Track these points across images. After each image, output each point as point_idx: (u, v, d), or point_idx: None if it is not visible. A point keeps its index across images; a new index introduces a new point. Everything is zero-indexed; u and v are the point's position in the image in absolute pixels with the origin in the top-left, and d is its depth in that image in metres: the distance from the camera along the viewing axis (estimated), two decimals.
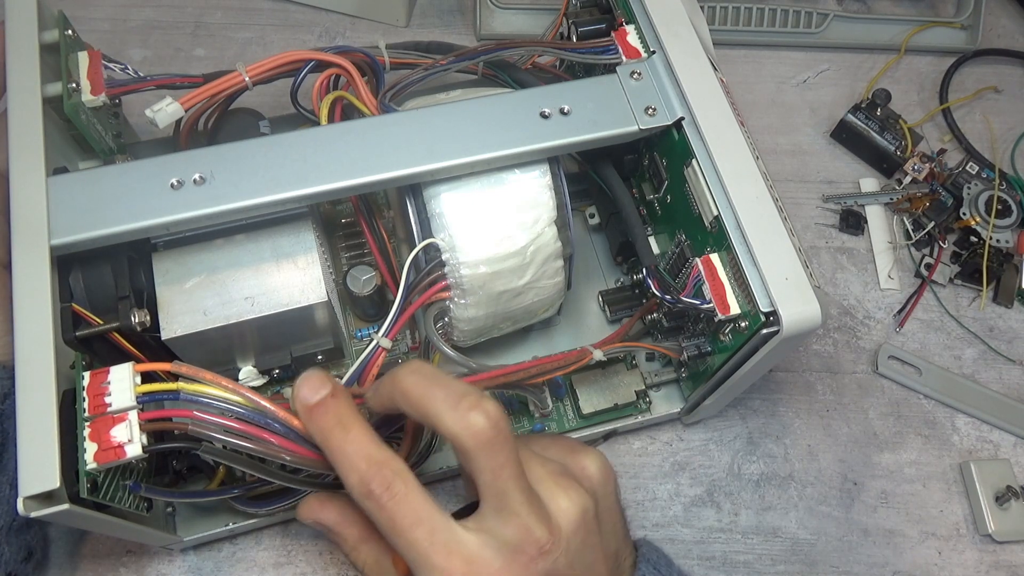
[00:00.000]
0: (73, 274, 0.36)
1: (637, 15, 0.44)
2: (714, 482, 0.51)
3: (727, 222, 0.38)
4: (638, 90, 0.41)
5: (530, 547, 0.30)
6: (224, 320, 0.38)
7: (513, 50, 0.45)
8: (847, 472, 0.52)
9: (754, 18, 0.66)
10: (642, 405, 0.50)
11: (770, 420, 0.53)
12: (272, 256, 0.39)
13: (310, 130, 0.39)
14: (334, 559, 0.47)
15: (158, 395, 0.33)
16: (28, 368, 0.32)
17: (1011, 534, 0.51)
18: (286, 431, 0.33)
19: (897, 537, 0.51)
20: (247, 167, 0.37)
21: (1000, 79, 0.68)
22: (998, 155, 0.64)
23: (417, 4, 0.66)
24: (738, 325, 0.38)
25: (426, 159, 0.38)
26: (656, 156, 0.45)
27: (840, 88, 0.66)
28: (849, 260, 0.60)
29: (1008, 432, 0.54)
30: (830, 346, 0.56)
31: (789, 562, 0.49)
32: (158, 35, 0.63)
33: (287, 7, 0.65)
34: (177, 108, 0.41)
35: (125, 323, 0.35)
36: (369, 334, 0.49)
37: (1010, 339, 0.58)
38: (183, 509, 0.45)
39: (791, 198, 0.61)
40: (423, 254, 0.40)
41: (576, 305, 0.53)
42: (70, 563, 0.46)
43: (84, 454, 0.31)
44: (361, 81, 0.42)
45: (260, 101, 0.47)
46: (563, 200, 0.42)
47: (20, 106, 0.37)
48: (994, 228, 0.59)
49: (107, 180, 0.36)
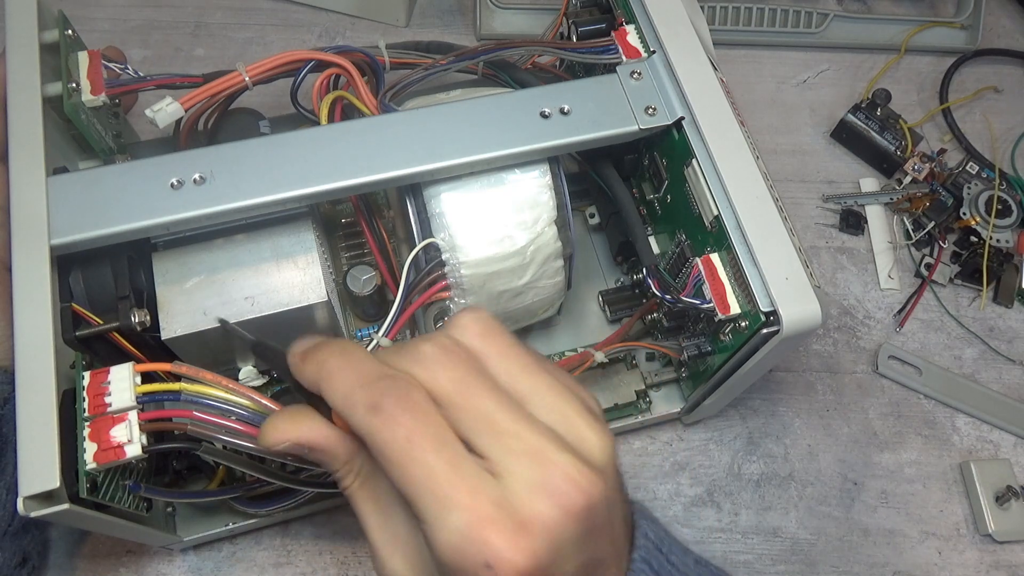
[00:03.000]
0: (73, 274, 0.36)
1: (637, 15, 0.44)
2: (714, 482, 0.51)
3: (727, 222, 0.38)
4: (638, 90, 0.41)
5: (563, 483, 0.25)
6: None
7: (513, 50, 0.45)
8: (847, 472, 0.52)
9: (754, 18, 0.66)
10: (642, 405, 0.50)
11: (770, 420, 0.53)
12: (272, 256, 0.39)
13: (310, 130, 0.39)
14: (334, 559, 0.47)
15: (158, 395, 0.33)
16: (28, 368, 0.32)
17: (1011, 534, 0.51)
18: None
19: (897, 537, 0.51)
20: (247, 167, 0.37)
21: (1000, 79, 0.68)
22: (998, 155, 0.64)
23: (417, 4, 0.66)
24: (738, 325, 0.38)
25: (426, 159, 0.38)
26: (656, 156, 0.45)
27: (840, 88, 0.66)
28: (849, 260, 0.60)
29: (1008, 432, 0.54)
30: (830, 346, 0.56)
31: (789, 562, 0.49)
32: (158, 35, 0.63)
33: (287, 7, 0.65)
34: (177, 108, 0.41)
35: (125, 323, 0.35)
36: (369, 334, 0.49)
37: (1010, 339, 0.58)
38: (183, 509, 0.45)
39: (791, 198, 0.61)
40: (423, 254, 0.40)
41: (576, 305, 0.53)
42: (69, 563, 0.46)
43: (84, 454, 0.31)
44: (361, 81, 0.42)
45: (260, 101, 0.47)
46: (563, 200, 0.42)
47: (20, 106, 0.37)
48: (994, 228, 0.59)
49: (107, 180, 0.36)
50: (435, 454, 0.25)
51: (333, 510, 0.47)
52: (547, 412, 0.27)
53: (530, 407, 0.27)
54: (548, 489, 0.25)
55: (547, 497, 0.25)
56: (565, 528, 0.25)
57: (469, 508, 0.24)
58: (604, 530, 0.27)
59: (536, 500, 0.25)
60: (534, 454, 0.25)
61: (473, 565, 0.24)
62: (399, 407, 0.25)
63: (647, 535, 0.29)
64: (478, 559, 0.24)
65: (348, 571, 0.47)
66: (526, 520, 0.24)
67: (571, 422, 0.27)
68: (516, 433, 0.26)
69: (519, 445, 0.25)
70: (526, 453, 0.25)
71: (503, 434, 0.26)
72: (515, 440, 0.25)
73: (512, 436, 0.25)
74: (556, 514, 0.25)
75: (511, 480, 0.25)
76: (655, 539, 0.29)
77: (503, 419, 0.26)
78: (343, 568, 0.47)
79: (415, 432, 0.25)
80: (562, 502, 0.25)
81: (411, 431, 0.25)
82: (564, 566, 0.25)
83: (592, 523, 0.26)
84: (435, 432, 0.25)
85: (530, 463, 0.25)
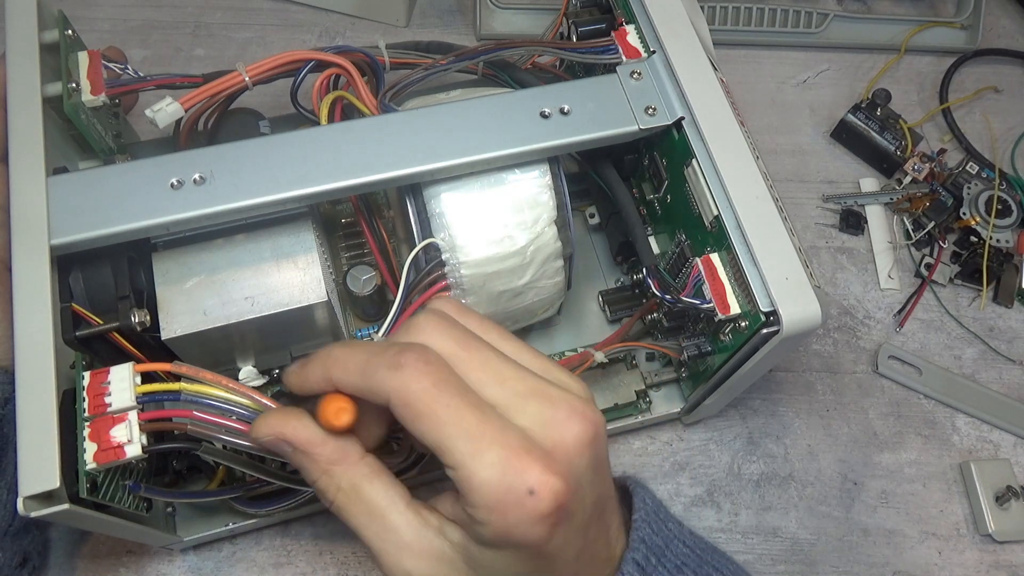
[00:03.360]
0: (73, 274, 0.36)
1: (637, 15, 0.44)
2: (714, 482, 0.51)
3: (727, 222, 0.38)
4: (638, 90, 0.41)
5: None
6: (224, 320, 0.38)
7: (513, 50, 0.45)
8: (847, 472, 0.52)
9: (754, 18, 0.66)
10: (642, 405, 0.50)
11: (770, 420, 0.53)
12: (272, 256, 0.39)
13: (310, 130, 0.39)
14: (334, 559, 0.47)
15: (158, 395, 0.33)
16: (28, 368, 0.32)
17: (1011, 534, 0.51)
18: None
19: (897, 537, 0.51)
20: (247, 167, 0.37)
21: (1000, 79, 0.68)
22: (998, 155, 0.64)
23: (417, 4, 0.66)
24: (738, 325, 0.38)
25: (426, 159, 0.38)
26: (656, 156, 0.45)
27: (840, 88, 0.66)
28: (849, 260, 0.60)
29: (1008, 432, 0.54)
30: (830, 346, 0.56)
31: (789, 562, 0.49)
32: (158, 35, 0.63)
33: (287, 7, 0.65)
34: (177, 108, 0.41)
35: (125, 323, 0.35)
36: (369, 334, 0.49)
37: (1010, 339, 0.58)
38: (183, 509, 0.45)
39: (791, 198, 0.61)
40: (423, 254, 0.40)
41: (576, 305, 0.53)
42: (69, 563, 0.46)
43: (84, 454, 0.31)
44: (361, 81, 0.42)
45: (260, 101, 0.47)
46: (563, 200, 0.42)
47: (20, 106, 0.37)
48: (994, 228, 0.59)
49: (107, 180, 0.36)
50: (461, 398, 0.27)
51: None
52: (531, 365, 0.30)
53: (519, 362, 0.29)
54: (559, 421, 0.27)
55: (561, 427, 0.27)
56: (582, 455, 0.27)
57: (503, 443, 0.26)
58: (606, 466, 0.29)
59: (552, 431, 0.27)
60: (538, 394, 0.28)
61: (517, 495, 0.26)
62: (420, 361, 0.27)
63: (645, 501, 0.31)
64: (521, 488, 0.26)
65: (348, 571, 0.47)
66: (550, 449, 0.27)
67: (552, 372, 0.30)
68: (519, 377, 0.28)
69: (523, 387, 0.28)
70: (532, 394, 0.28)
71: (508, 379, 0.28)
72: (519, 383, 0.28)
73: (516, 380, 0.28)
74: (572, 442, 0.27)
75: (525, 418, 0.27)
76: (652, 506, 0.32)
77: (504, 367, 0.28)
78: (343, 568, 0.47)
79: (440, 381, 0.27)
80: (575, 431, 0.27)
81: (436, 380, 0.27)
82: (584, 497, 0.28)
83: (598, 453, 0.28)
84: (457, 381, 0.27)
85: (538, 402, 0.28)
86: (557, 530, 0.27)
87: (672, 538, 0.31)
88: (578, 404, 0.28)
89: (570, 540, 0.27)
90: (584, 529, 0.28)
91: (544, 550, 0.27)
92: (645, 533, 0.30)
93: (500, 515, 0.26)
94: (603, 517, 0.30)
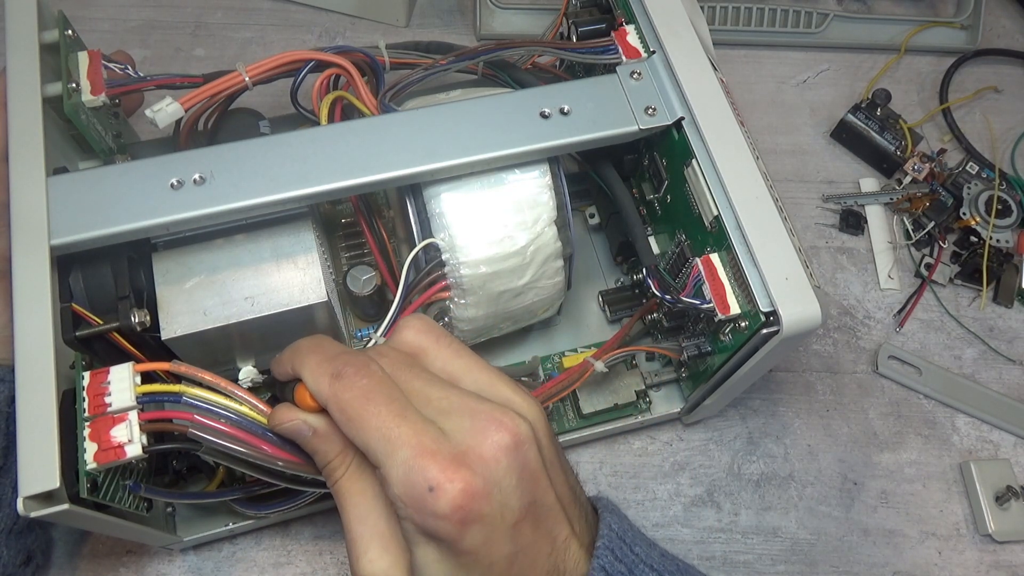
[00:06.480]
0: (73, 274, 0.36)
1: (637, 15, 0.44)
2: (714, 482, 0.51)
3: (727, 222, 0.38)
4: (638, 90, 0.41)
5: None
6: (224, 320, 0.38)
7: (513, 50, 0.45)
8: (847, 472, 0.52)
9: (754, 18, 0.66)
10: (642, 405, 0.50)
11: (770, 420, 0.53)
12: (272, 256, 0.39)
13: (310, 130, 0.39)
14: (334, 559, 0.47)
15: (158, 396, 0.33)
16: (28, 368, 0.32)
17: (1011, 534, 0.51)
18: (282, 441, 0.33)
19: (897, 537, 0.51)
20: (247, 167, 0.37)
21: (1000, 79, 0.68)
22: (998, 155, 0.64)
23: (417, 4, 0.66)
24: (738, 325, 0.38)
25: (426, 159, 0.38)
26: (656, 156, 0.45)
27: (840, 88, 0.66)
28: (849, 260, 0.60)
29: (1008, 432, 0.54)
30: (830, 346, 0.56)
31: (789, 562, 0.49)
32: (158, 35, 0.63)
33: (287, 7, 0.65)
34: (177, 108, 0.41)
35: (125, 323, 0.35)
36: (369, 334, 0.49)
37: (1010, 339, 0.58)
38: (183, 509, 0.45)
39: (791, 198, 0.61)
40: (423, 254, 0.40)
41: (576, 305, 0.53)
42: (70, 563, 0.46)
43: (84, 454, 0.31)
44: (361, 81, 0.42)
45: (260, 101, 0.47)
46: (563, 200, 0.42)
47: (20, 106, 0.37)
48: (994, 228, 0.59)
49: (107, 180, 0.36)
50: (386, 406, 0.29)
51: (333, 510, 0.47)
52: (474, 384, 0.32)
53: (461, 384, 0.31)
54: (477, 430, 0.29)
55: (478, 434, 0.29)
56: (498, 462, 0.28)
57: (413, 444, 0.28)
58: (541, 476, 0.30)
59: (468, 437, 0.29)
60: (463, 409, 0.30)
61: (419, 491, 0.27)
62: (358, 374, 0.30)
63: (611, 526, 0.32)
64: (422, 485, 0.27)
65: (348, 571, 0.47)
66: (461, 453, 0.28)
67: (496, 388, 0.31)
68: (445, 397, 0.30)
69: (449, 404, 0.30)
70: (457, 410, 0.30)
71: (434, 399, 0.30)
72: (444, 401, 0.30)
73: (441, 399, 0.30)
74: (487, 448, 0.28)
75: (450, 430, 0.29)
76: (619, 530, 0.32)
77: (432, 389, 0.30)
78: (343, 568, 0.47)
79: (370, 390, 0.29)
80: (492, 438, 0.29)
81: (367, 390, 0.29)
82: (506, 500, 0.28)
83: (524, 460, 0.29)
84: (388, 391, 0.29)
85: (461, 416, 0.29)
86: (468, 529, 0.28)
87: (637, 563, 0.31)
88: (501, 415, 0.29)
89: (492, 541, 0.28)
90: (509, 533, 0.28)
91: (460, 547, 0.28)
92: (606, 560, 0.30)
93: (413, 510, 0.28)
94: (541, 525, 0.30)
